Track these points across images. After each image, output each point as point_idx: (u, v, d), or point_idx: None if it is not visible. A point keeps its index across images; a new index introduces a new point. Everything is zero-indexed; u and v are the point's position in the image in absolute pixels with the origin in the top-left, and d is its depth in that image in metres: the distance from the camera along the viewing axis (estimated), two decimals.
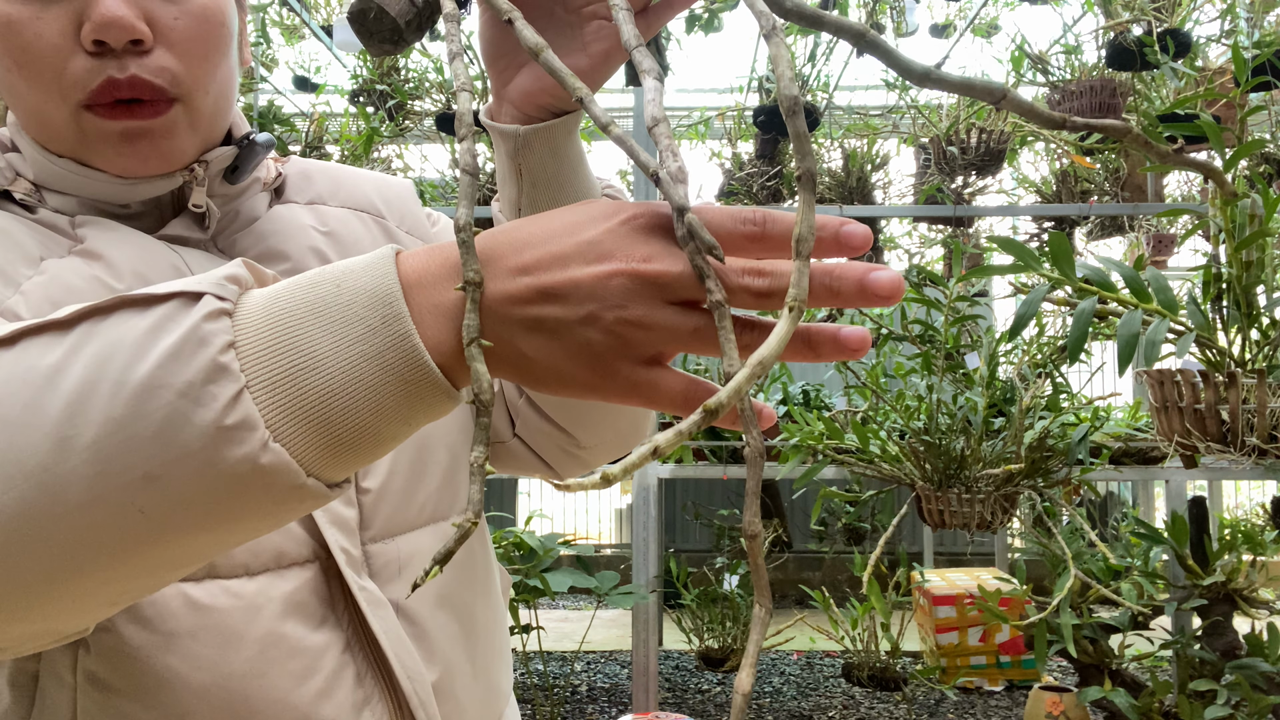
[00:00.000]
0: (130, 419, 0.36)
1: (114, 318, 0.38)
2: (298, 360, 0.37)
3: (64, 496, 0.36)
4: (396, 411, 0.39)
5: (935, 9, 4.52)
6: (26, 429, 0.36)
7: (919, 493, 2.15)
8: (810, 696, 4.12)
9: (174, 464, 0.36)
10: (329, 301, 0.38)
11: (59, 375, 0.37)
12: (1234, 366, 1.46)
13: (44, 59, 0.55)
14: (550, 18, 0.57)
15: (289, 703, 0.55)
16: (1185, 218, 4.25)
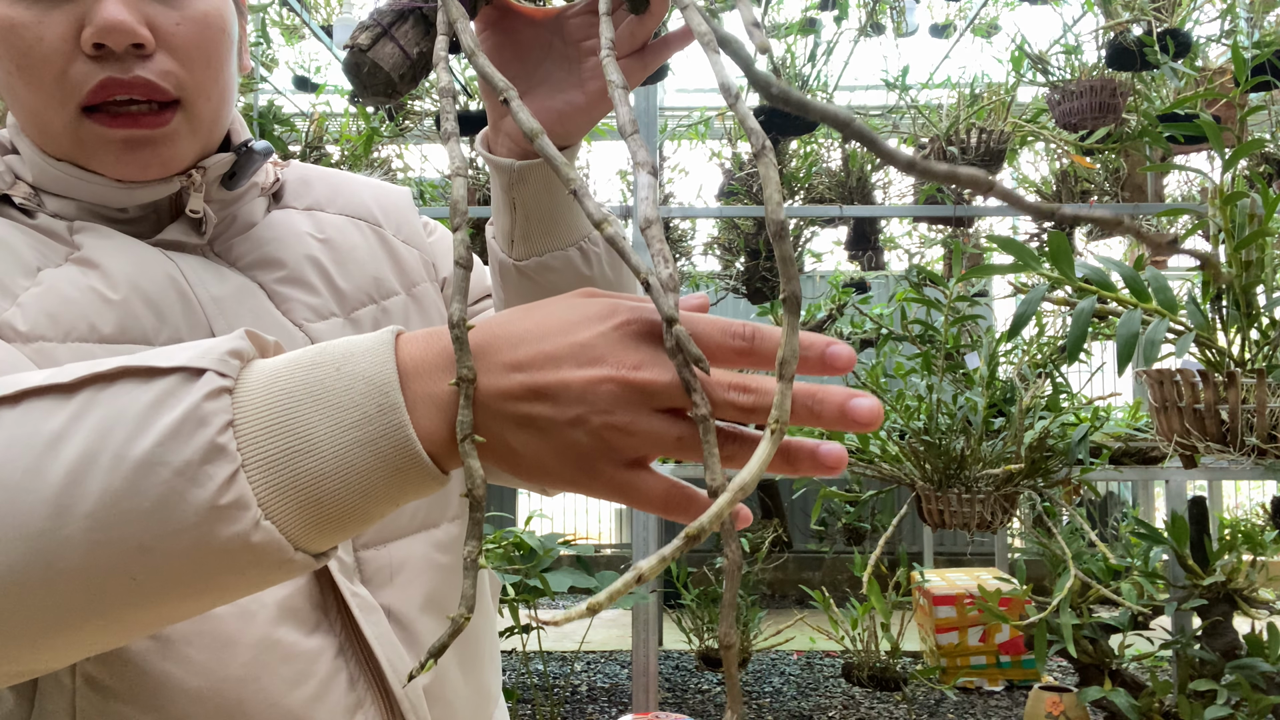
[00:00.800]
0: (128, 493, 0.37)
1: (117, 386, 0.39)
2: (294, 443, 0.39)
3: (59, 561, 0.37)
4: (385, 494, 0.40)
5: (935, 9, 4.52)
6: (26, 493, 0.37)
7: (919, 493, 2.15)
8: (810, 696, 4.12)
9: (168, 538, 0.37)
10: (328, 385, 0.39)
11: (61, 442, 0.38)
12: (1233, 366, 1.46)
13: (45, 62, 0.55)
14: (548, 50, 0.58)
15: (283, 707, 0.55)
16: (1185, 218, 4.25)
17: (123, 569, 0.38)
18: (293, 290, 0.65)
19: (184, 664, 0.54)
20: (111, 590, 0.38)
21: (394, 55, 0.49)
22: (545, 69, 0.59)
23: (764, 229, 3.71)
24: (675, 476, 0.43)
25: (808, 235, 3.83)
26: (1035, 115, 3.60)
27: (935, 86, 4.06)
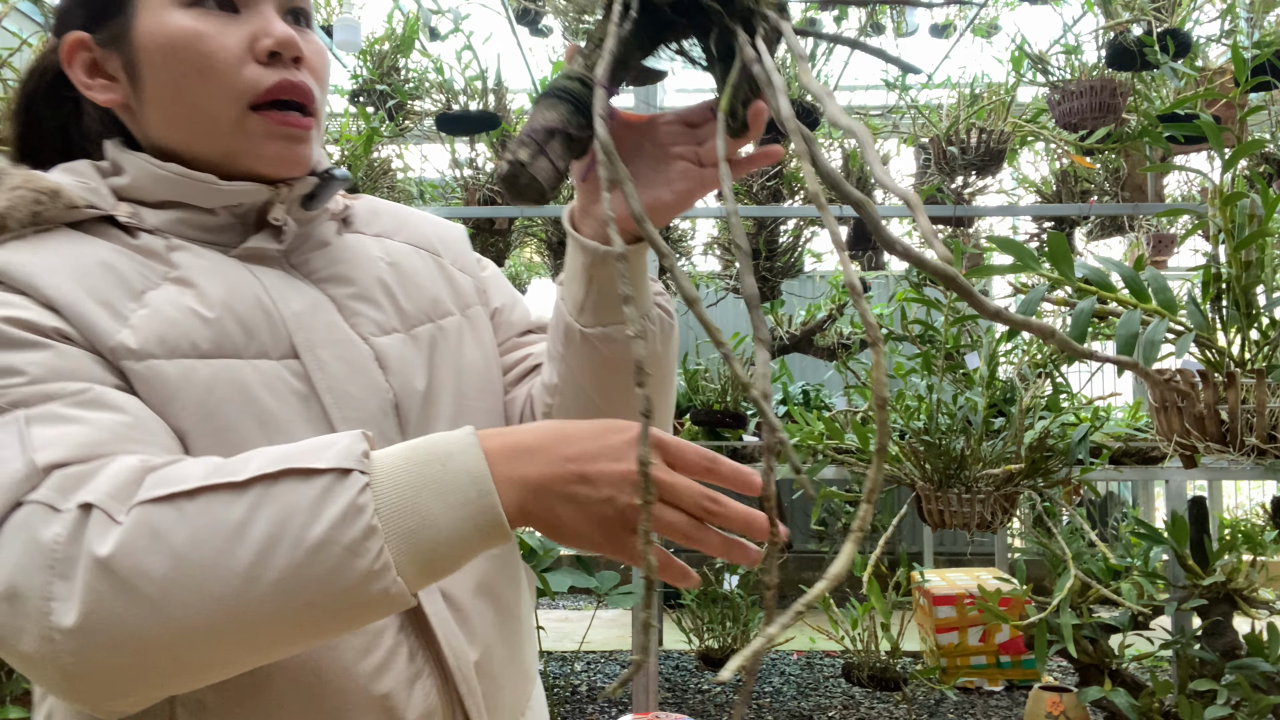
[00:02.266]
0: (308, 565, 0.51)
1: (283, 484, 0.52)
2: (417, 521, 0.53)
3: (243, 617, 0.51)
4: (475, 551, 0.55)
5: (935, 9, 4.52)
6: (219, 569, 0.50)
7: (919, 493, 2.15)
8: (810, 696, 4.12)
9: (333, 596, 0.51)
10: (438, 478, 0.54)
11: (246, 529, 0.51)
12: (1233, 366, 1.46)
13: (226, 65, 0.65)
14: (639, 151, 0.67)
15: (353, 673, 0.64)
16: (1185, 218, 4.25)
17: (290, 620, 0.52)
18: (361, 306, 0.73)
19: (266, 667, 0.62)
20: (277, 634, 0.52)
21: (548, 170, 0.58)
22: (636, 167, 0.67)
23: (764, 229, 3.71)
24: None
25: (808, 235, 3.83)
26: (1035, 115, 3.59)
27: (935, 86, 4.06)
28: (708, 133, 0.66)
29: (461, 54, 3.30)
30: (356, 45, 3.50)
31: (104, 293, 0.62)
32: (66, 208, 0.64)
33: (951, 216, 3.37)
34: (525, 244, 4.18)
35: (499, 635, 0.74)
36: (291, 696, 0.63)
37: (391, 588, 0.52)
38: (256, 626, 0.51)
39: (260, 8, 0.67)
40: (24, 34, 3.23)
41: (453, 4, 3.54)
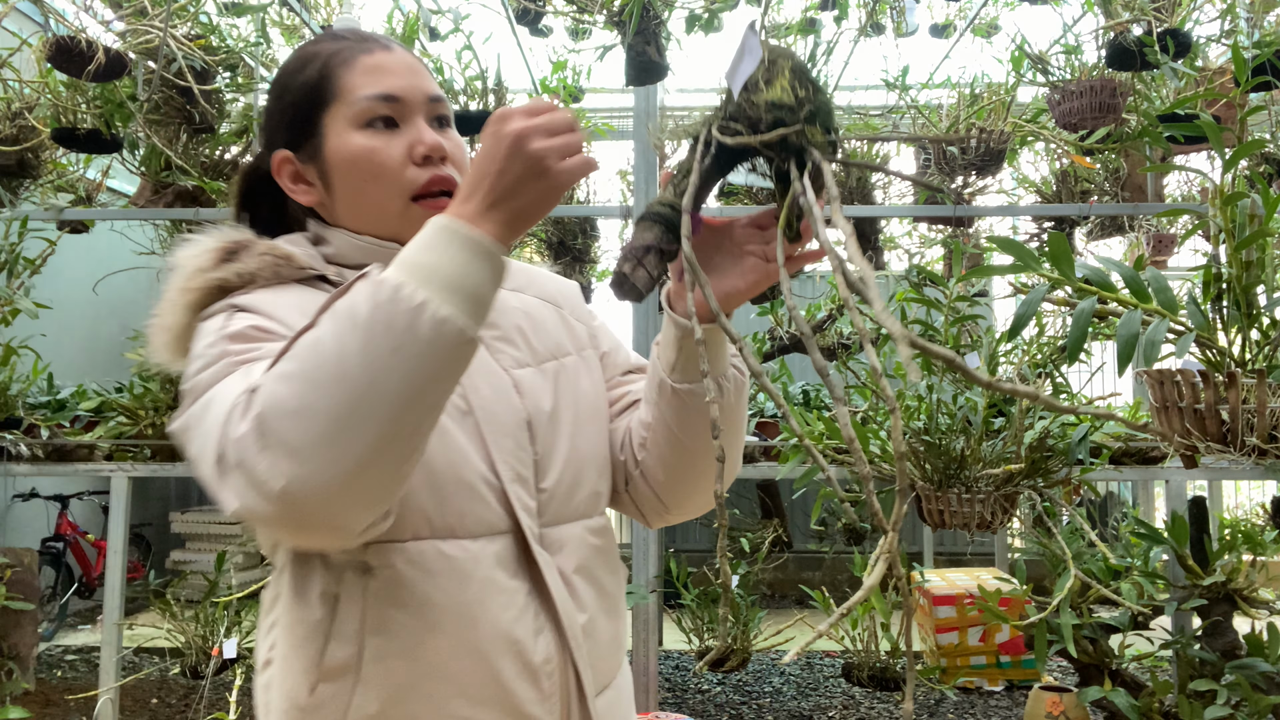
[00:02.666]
0: (373, 328, 0.67)
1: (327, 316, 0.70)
2: (428, 272, 0.69)
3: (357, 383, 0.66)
4: (476, 267, 0.71)
5: (935, 9, 4.52)
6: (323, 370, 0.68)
7: (919, 493, 2.15)
8: (810, 696, 4.12)
9: (402, 335, 0.67)
10: (427, 246, 0.72)
11: (321, 340, 0.69)
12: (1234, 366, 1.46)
13: (392, 170, 0.89)
14: (719, 248, 0.87)
15: (497, 622, 0.84)
16: (1185, 218, 4.25)
17: (387, 370, 0.67)
18: (503, 345, 0.95)
19: (439, 588, 0.83)
20: (389, 389, 0.67)
21: (644, 278, 0.77)
22: (716, 260, 0.86)
23: None
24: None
25: None
26: (1035, 115, 3.59)
27: (935, 86, 4.06)
28: (772, 235, 0.85)
29: (461, 54, 3.30)
30: None
31: None
32: (297, 269, 0.89)
33: (951, 216, 3.37)
34: (525, 244, 4.19)
35: (600, 608, 0.94)
36: (454, 636, 0.83)
37: (439, 311, 0.68)
38: (373, 382, 0.67)
39: (414, 121, 0.90)
40: (24, 34, 3.23)
41: (453, 4, 3.53)
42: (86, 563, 5.42)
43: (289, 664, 0.85)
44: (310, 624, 0.84)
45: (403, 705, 0.82)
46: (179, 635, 3.12)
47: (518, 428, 0.90)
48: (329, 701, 0.83)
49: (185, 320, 0.86)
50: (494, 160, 0.72)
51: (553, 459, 0.92)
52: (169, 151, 3.29)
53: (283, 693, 0.85)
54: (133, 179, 3.97)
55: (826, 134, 0.74)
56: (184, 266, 0.88)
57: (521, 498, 0.88)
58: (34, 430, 3.10)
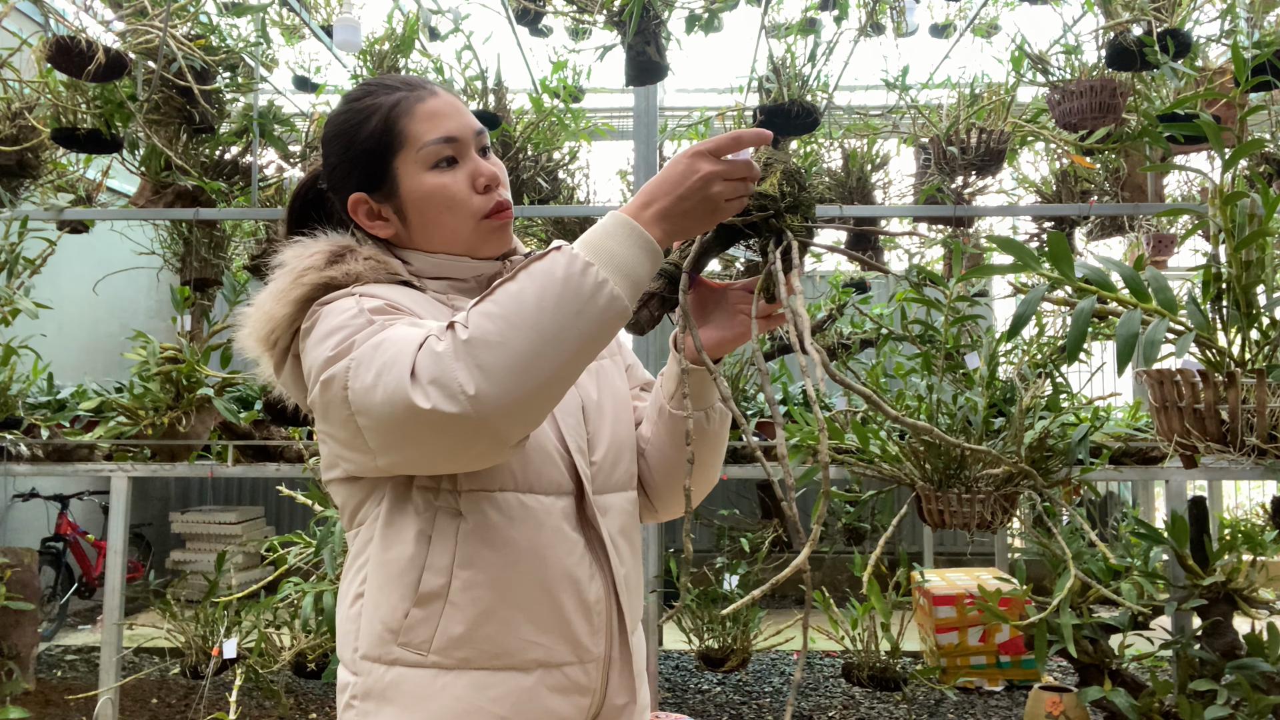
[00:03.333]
0: (566, 293, 0.86)
1: (534, 273, 0.88)
2: (608, 257, 0.89)
3: (547, 331, 0.85)
4: (644, 261, 0.90)
5: (935, 9, 4.52)
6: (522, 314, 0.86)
7: (919, 493, 2.14)
8: (810, 696, 4.12)
9: (583, 300, 0.86)
10: (613, 236, 0.90)
11: (523, 295, 0.86)
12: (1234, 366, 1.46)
13: (462, 200, 1.06)
14: (718, 305, 1.09)
15: (563, 564, 1.03)
16: (1185, 218, 4.25)
17: (570, 324, 0.86)
18: None
19: (519, 532, 1.01)
20: (567, 338, 0.85)
21: (647, 317, 1.02)
22: (714, 315, 1.09)
23: None
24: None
25: None
26: (1035, 115, 3.59)
27: (935, 86, 4.06)
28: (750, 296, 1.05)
29: (461, 54, 3.30)
30: (356, 45, 3.50)
31: (430, 310, 1.04)
32: (390, 274, 1.06)
33: (951, 216, 3.37)
34: (525, 244, 4.18)
35: (632, 564, 1.13)
36: (528, 572, 1.00)
37: (614, 290, 0.87)
38: (556, 333, 0.85)
39: (469, 156, 1.07)
40: (24, 34, 3.23)
41: (453, 4, 3.53)
42: (86, 563, 5.42)
43: (384, 594, 1.02)
44: (405, 559, 1.00)
45: (482, 628, 0.99)
46: (179, 635, 3.12)
47: (576, 410, 1.09)
48: (420, 624, 0.99)
49: (291, 312, 1.01)
50: (679, 185, 0.91)
51: (600, 439, 1.10)
52: (169, 151, 3.29)
53: (376, 618, 1.01)
54: (133, 179, 3.97)
55: (804, 221, 0.97)
56: (293, 265, 1.04)
57: (582, 466, 1.06)
58: (34, 430, 3.10)
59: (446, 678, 0.99)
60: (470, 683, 0.99)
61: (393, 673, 1.01)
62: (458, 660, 0.99)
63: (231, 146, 3.58)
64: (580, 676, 1.03)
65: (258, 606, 2.95)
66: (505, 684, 1.00)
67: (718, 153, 0.91)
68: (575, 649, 1.03)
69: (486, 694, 0.99)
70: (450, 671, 0.99)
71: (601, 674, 1.06)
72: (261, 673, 2.91)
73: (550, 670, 1.02)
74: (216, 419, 3.17)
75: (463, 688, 0.99)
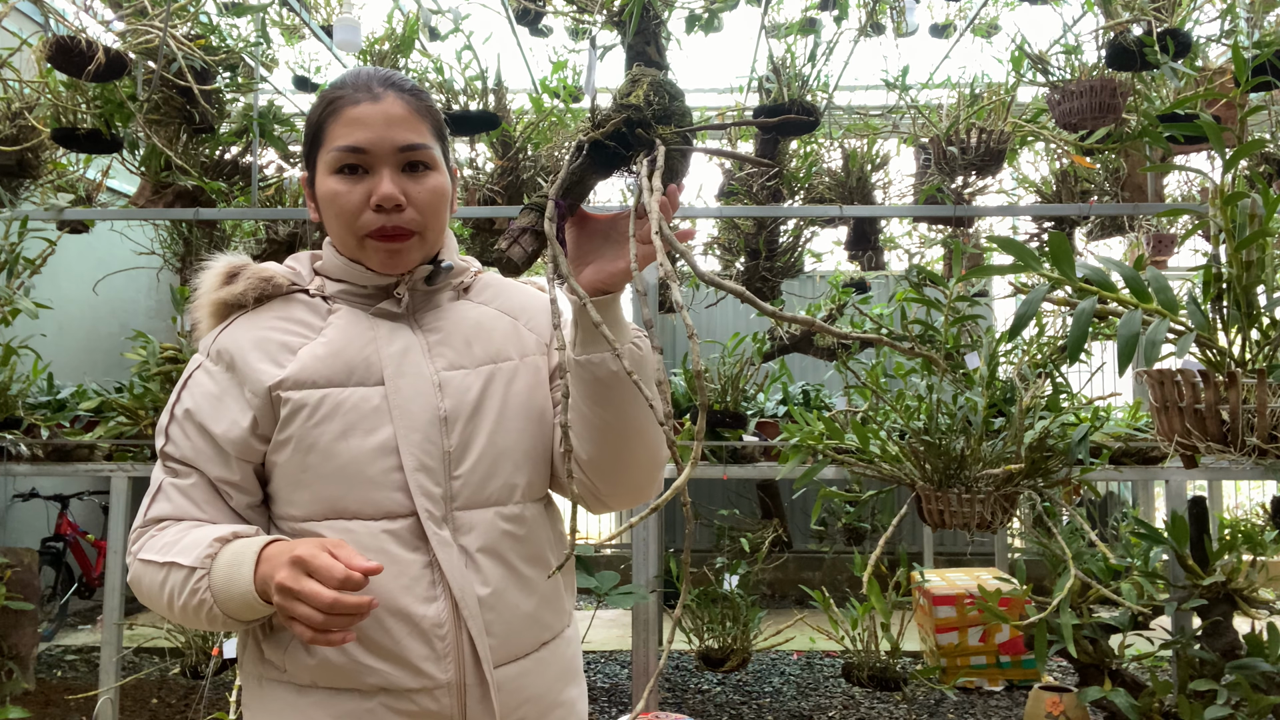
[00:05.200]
0: (183, 606, 1.02)
1: (173, 569, 1.02)
2: (224, 589, 0.98)
3: (175, 619, 1.08)
4: (251, 603, 0.97)
5: (935, 9, 4.52)
6: (154, 600, 1.06)
7: (919, 493, 2.14)
8: (810, 696, 4.12)
9: (195, 617, 1.03)
10: (233, 572, 0.98)
11: (161, 587, 1.04)
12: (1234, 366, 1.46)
13: (351, 212, 1.07)
14: (607, 238, 1.01)
15: (388, 588, 1.02)
16: (1185, 218, 4.25)
17: (194, 622, 1.04)
18: (442, 349, 1.12)
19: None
20: (195, 624, 1.04)
21: (520, 253, 0.92)
22: (605, 248, 1.01)
23: (764, 229, 3.71)
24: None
25: (808, 235, 3.83)
26: (1035, 115, 3.59)
27: (935, 86, 4.06)
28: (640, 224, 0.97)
29: (461, 54, 3.30)
30: (356, 45, 3.50)
31: (273, 354, 1.08)
32: (274, 287, 1.12)
33: (951, 216, 3.37)
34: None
35: (511, 586, 1.08)
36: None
37: (215, 612, 0.99)
38: (185, 622, 1.04)
39: (380, 171, 1.06)
40: (24, 34, 3.23)
41: (453, 4, 3.53)
42: (86, 563, 5.41)
43: (248, 632, 1.11)
44: None
45: (324, 653, 1.03)
46: (179, 635, 3.12)
47: (430, 423, 1.07)
48: (281, 640, 1.06)
49: (208, 325, 1.14)
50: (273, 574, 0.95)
51: (469, 450, 1.07)
52: (169, 151, 3.29)
53: (252, 631, 1.09)
54: (133, 179, 3.97)
55: (677, 130, 0.89)
56: (201, 287, 1.15)
57: (424, 485, 1.05)
58: (34, 430, 3.10)
59: (296, 694, 1.05)
60: (316, 701, 1.04)
61: (259, 686, 1.09)
62: (309, 680, 1.04)
63: (231, 146, 3.58)
64: (429, 703, 1.03)
65: None
66: (348, 704, 1.03)
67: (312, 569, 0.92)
68: (416, 675, 1.03)
69: (330, 711, 1.03)
70: (301, 689, 1.05)
71: (456, 701, 1.04)
72: None
73: (395, 695, 1.03)
74: None
75: (309, 704, 1.04)
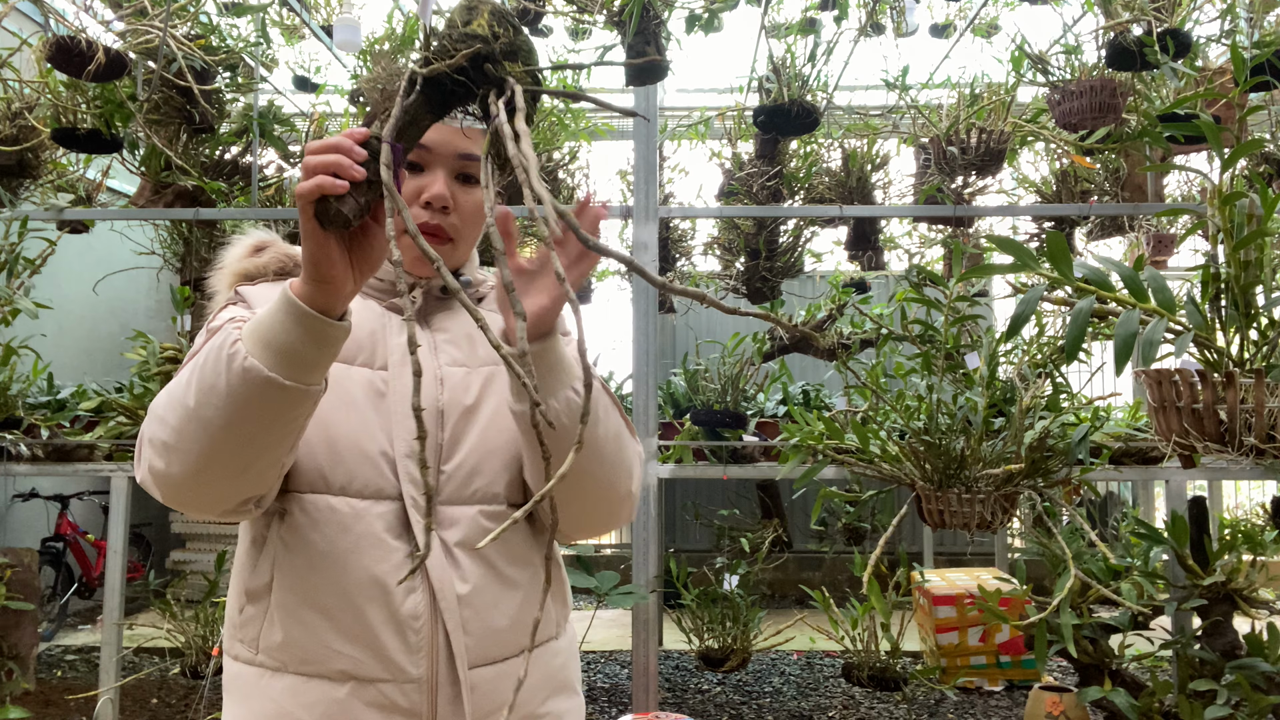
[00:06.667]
0: (213, 375, 0.86)
1: (203, 359, 0.89)
2: (261, 332, 0.85)
3: (199, 412, 0.87)
4: (290, 327, 0.84)
5: (935, 9, 4.52)
6: (178, 406, 0.90)
7: (919, 493, 2.15)
8: (810, 696, 4.12)
9: (226, 379, 0.85)
10: (273, 316, 0.86)
11: (185, 384, 0.90)
12: (1232, 366, 1.46)
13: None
14: (536, 274, 0.97)
15: (369, 571, 1.00)
16: (1185, 218, 4.25)
17: (224, 407, 0.86)
18: (448, 346, 1.13)
19: (320, 535, 1.00)
20: (229, 423, 0.86)
21: (353, 206, 0.80)
22: (536, 283, 0.96)
23: (764, 229, 3.71)
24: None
25: (808, 235, 3.83)
26: (1035, 115, 3.59)
27: (935, 86, 4.06)
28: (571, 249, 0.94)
29: None
30: (356, 45, 3.50)
31: None
32: (297, 265, 1.11)
33: (951, 216, 3.37)
34: (525, 245, 4.18)
35: (491, 587, 1.05)
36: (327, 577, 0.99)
37: (249, 360, 0.84)
38: (199, 408, 0.87)
39: (436, 171, 1.07)
40: (24, 34, 3.23)
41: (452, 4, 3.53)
42: (86, 563, 5.42)
43: (231, 590, 1.08)
44: (243, 556, 1.06)
45: (291, 631, 1.00)
46: (179, 635, 3.12)
47: (426, 414, 1.04)
48: (249, 622, 1.03)
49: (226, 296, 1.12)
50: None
51: (459, 447, 1.06)
52: (169, 151, 3.29)
53: (226, 614, 1.08)
54: (133, 179, 3.97)
55: (526, 68, 0.78)
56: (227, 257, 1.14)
57: (411, 472, 1.03)
58: (34, 430, 3.10)
59: (268, 679, 1.01)
60: (286, 687, 1.00)
61: (234, 667, 1.06)
62: (279, 662, 1.01)
63: (231, 146, 3.58)
64: (398, 697, 0.99)
65: None
66: (317, 692, 0.99)
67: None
68: (387, 666, 0.99)
69: (299, 700, 0.99)
70: (272, 673, 1.01)
71: (427, 699, 1.00)
72: None
73: (364, 685, 0.99)
74: None
75: (279, 690, 1.00)
